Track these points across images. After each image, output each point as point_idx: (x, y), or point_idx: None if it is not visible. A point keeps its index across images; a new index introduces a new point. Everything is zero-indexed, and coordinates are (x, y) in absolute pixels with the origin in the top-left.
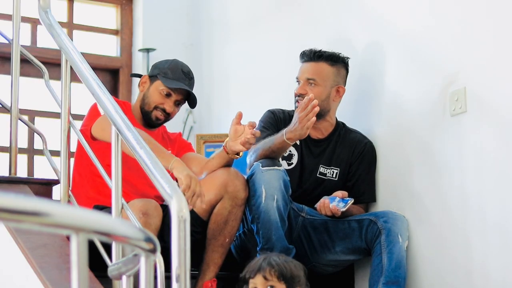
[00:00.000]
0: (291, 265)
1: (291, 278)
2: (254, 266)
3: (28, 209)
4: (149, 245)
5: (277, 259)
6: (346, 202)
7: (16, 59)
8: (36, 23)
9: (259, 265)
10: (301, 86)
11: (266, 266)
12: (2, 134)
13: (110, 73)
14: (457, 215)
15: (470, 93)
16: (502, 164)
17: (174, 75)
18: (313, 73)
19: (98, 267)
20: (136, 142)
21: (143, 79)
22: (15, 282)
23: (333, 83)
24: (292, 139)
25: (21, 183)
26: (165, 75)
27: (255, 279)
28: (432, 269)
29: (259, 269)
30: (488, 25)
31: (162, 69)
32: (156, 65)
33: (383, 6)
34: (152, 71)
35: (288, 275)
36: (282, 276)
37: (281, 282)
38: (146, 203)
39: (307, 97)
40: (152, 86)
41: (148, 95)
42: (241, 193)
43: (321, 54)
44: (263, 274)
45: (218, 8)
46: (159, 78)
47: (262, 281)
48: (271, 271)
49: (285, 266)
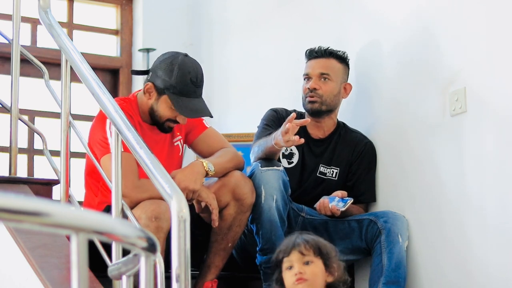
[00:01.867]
0: (325, 241)
1: (327, 254)
2: (288, 244)
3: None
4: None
5: (310, 235)
6: (346, 201)
7: (16, 59)
8: (36, 23)
9: (293, 241)
10: (314, 81)
11: (301, 242)
12: (2, 134)
13: (110, 73)
14: (457, 215)
15: (470, 93)
16: (502, 164)
17: (183, 90)
18: (326, 68)
19: (98, 267)
20: (136, 142)
21: (148, 87)
22: (15, 282)
23: (342, 80)
24: (278, 145)
25: (21, 183)
26: (173, 90)
27: (291, 256)
28: (432, 269)
29: (294, 246)
30: (488, 25)
31: (168, 83)
32: (160, 75)
33: (383, 6)
34: (157, 80)
35: (324, 250)
36: (319, 250)
37: (317, 257)
38: (156, 207)
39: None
40: (161, 101)
41: (157, 108)
42: (249, 199)
43: (331, 51)
44: (299, 249)
45: (218, 8)
46: (167, 94)
47: (299, 257)
48: (306, 246)
49: (320, 241)
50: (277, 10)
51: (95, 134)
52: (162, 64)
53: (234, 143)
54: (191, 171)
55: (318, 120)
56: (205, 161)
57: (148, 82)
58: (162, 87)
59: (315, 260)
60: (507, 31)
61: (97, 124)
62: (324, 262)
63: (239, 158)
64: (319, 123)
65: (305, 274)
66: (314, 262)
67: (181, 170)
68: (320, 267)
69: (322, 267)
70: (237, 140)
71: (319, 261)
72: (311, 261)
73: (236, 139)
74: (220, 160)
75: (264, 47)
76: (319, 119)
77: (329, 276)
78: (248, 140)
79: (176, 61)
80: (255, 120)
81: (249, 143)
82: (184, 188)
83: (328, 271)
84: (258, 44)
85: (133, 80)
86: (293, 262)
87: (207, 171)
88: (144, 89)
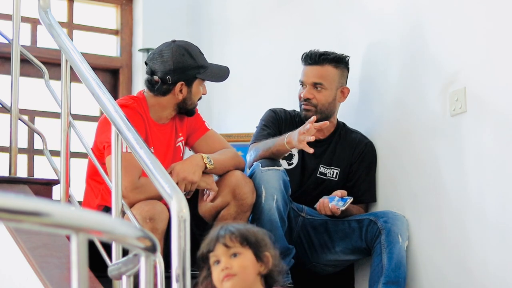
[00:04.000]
0: (254, 229)
1: (257, 242)
2: (212, 237)
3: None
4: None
5: (236, 225)
6: (346, 201)
7: (16, 59)
8: (36, 23)
9: (217, 234)
10: (308, 90)
11: (225, 233)
12: (2, 134)
13: (110, 73)
14: (457, 215)
15: (470, 93)
16: (502, 164)
17: (203, 64)
18: (320, 77)
19: (98, 267)
20: (136, 142)
21: (181, 88)
22: (15, 282)
23: (338, 85)
24: (290, 145)
25: (21, 183)
26: (199, 70)
27: (216, 250)
28: (432, 269)
29: (218, 238)
30: (488, 25)
31: (193, 66)
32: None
33: (383, 6)
34: (181, 75)
35: (253, 238)
36: (246, 240)
37: (245, 247)
38: (151, 208)
39: (320, 124)
40: (194, 87)
41: (191, 97)
42: (249, 199)
43: (325, 57)
44: (223, 242)
45: (218, 8)
46: (198, 77)
47: (224, 250)
48: (231, 237)
49: (247, 230)
50: (277, 10)
51: (101, 135)
52: (171, 60)
53: (234, 143)
54: (190, 163)
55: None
56: (205, 155)
57: (178, 83)
58: (192, 74)
59: (243, 251)
60: (507, 31)
61: (103, 126)
62: (254, 252)
63: (239, 158)
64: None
65: (232, 268)
66: (242, 253)
67: (180, 162)
68: (249, 258)
69: (252, 258)
70: (237, 140)
71: (248, 251)
72: (239, 252)
73: (236, 139)
74: (220, 157)
75: (264, 47)
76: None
77: (262, 266)
78: (248, 140)
79: (178, 47)
80: (255, 120)
81: (249, 143)
82: (183, 178)
83: (260, 262)
84: (258, 44)
85: (133, 80)
86: (219, 256)
87: (206, 163)
88: (175, 92)
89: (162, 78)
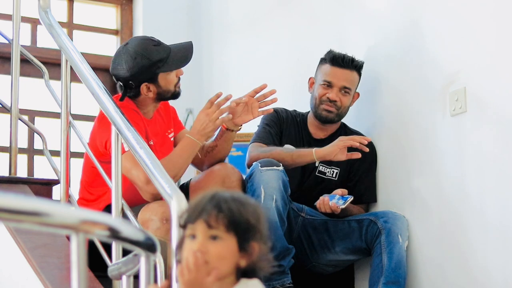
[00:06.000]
0: (249, 211)
1: (246, 231)
2: (196, 207)
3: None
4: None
5: (231, 200)
6: (346, 199)
7: (16, 59)
8: (36, 23)
9: (203, 205)
10: (336, 93)
11: (212, 209)
12: (2, 134)
13: (110, 73)
14: (457, 214)
15: (470, 93)
16: (502, 164)
17: (161, 57)
18: (349, 82)
19: (98, 267)
20: (136, 142)
21: (147, 87)
22: (15, 282)
23: (355, 89)
24: (320, 159)
25: (21, 183)
26: (158, 64)
27: (196, 224)
28: (432, 269)
29: (201, 212)
30: (488, 25)
31: (150, 66)
32: (138, 69)
33: (383, 6)
34: (141, 75)
35: (243, 226)
36: (234, 226)
37: (230, 234)
38: (167, 209)
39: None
40: (161, 81)
41: (163, 89)
42: (236, 188)
43: (356, 64)
44: (206, 219)
45: (218, 8)
46: (158, 72)
47: (204, 229)
48: (218, 217)
49: (240, 213)
50: (277, 9)
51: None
52: (125, 66)
53: (234, 143)
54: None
55: (325, 124)
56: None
57: (141, 85)
58: (152, 72)
59: (225, 237)
60: (507, 31)
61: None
62: (238, 241)
63: None
64: (324, 126)
65: (207, 253)
66: (223, 239)
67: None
68: (230, 247)
69: (234, 248)
70: (237, 140)
71: (231, 239)
72: (220, 237)
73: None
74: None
75: (264, 47)
76: (327, 124)
77: (242, 258)
78: (248, 140)
79: (128, 53)
80: (255, 120)
81: (249, 143)
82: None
83: (242, 252)
84: (258, 44)
85: None
86: (197, 232)
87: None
88: (145, 92)
89: (125, 85)
